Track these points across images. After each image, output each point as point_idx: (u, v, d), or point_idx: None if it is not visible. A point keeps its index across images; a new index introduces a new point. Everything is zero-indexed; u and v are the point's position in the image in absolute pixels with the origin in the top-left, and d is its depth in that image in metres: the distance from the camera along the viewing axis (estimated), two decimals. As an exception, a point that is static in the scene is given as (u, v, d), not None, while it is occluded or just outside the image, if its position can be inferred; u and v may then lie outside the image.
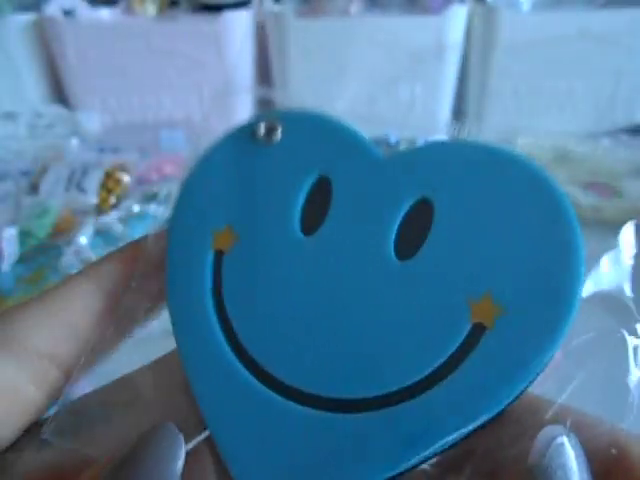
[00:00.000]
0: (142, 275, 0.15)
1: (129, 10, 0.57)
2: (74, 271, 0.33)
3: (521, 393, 0.13)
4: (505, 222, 0.14)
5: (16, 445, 0.14)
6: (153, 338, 0.37)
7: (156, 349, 0.34)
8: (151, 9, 0.57)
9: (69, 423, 0.14)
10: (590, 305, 0.14)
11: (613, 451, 0.12)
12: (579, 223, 0.13)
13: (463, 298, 0.13)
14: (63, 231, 0.41)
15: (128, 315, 0.15)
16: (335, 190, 0.15)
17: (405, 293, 0.14)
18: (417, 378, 0.13)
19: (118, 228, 0.41)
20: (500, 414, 0.13)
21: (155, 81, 0.57)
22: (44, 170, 0.47)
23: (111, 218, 0.41)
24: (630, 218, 0.15)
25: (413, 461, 0.13)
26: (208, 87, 0.57)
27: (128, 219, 0.42)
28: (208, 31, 0.54)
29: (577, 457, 0.12)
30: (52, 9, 0.55)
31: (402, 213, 0.14)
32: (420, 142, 0.16)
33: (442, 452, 0.13)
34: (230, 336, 0.14)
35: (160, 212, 0.42)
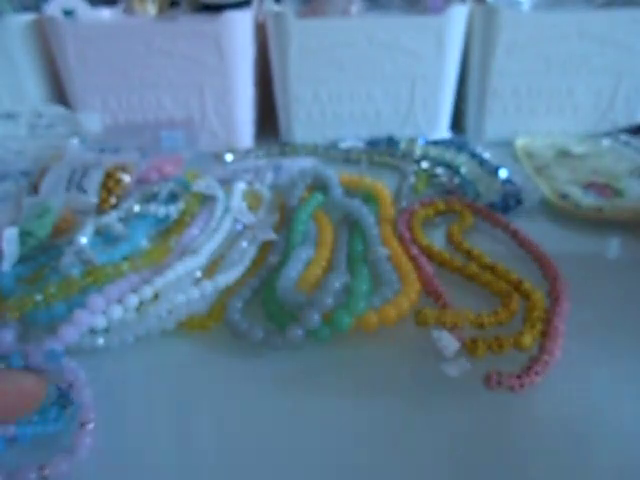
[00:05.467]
0: None
1: (129, 10, 0.57)
2: (74, 271, 0.34)
3: None
4: None
5: None
6: (152, 337, 0.36)
7: (156, 349, 0.33)
8: (151, 9, 0.57)
9: None
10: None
11: None
12: None
13: None
14: (63, 231, 0.41)
15: None
16: None
17: None
18: None
19: (118, 228, 0.41)
20: None
21: (155, 81, 0.57)
22: (44, 170, 0.47)
23: (111, 218, 0.41)
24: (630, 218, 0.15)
25: None
26: (208, 87, 0.57)
27: (128, 219, 0.42)
28: (208, 31, 0.54)
29: None
30: (52, 9, 0.55)
31: None
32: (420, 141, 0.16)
33: None
34: None
35: (160, 212, 0.42)
